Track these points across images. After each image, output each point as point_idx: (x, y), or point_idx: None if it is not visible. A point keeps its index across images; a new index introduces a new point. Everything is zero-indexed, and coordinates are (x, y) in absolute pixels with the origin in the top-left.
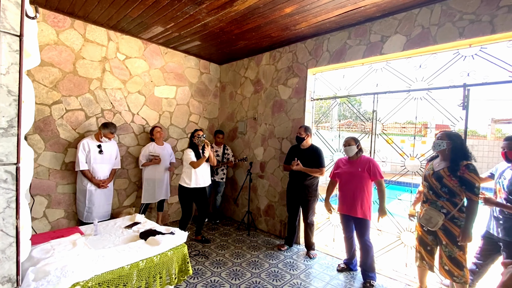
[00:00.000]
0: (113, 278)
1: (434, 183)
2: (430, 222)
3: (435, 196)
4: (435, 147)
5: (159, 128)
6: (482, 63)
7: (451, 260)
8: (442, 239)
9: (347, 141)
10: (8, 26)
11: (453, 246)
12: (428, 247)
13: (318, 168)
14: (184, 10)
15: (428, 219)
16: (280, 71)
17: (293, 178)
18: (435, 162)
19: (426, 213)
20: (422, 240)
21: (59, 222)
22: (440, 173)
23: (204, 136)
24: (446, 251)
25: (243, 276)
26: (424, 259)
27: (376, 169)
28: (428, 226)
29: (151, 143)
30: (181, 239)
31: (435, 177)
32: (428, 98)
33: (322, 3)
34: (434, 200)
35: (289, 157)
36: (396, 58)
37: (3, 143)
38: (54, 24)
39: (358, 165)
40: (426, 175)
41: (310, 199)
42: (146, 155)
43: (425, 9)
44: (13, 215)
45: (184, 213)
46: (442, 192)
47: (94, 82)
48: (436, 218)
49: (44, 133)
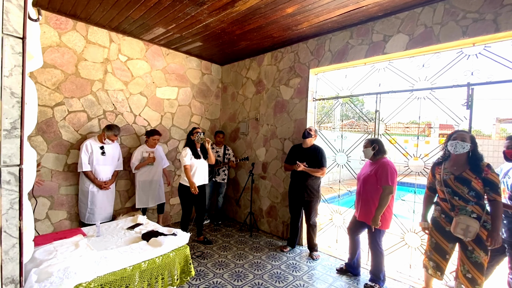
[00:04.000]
0: (115, 280)
1: (460, 188)
2: (468, 232)
3: (462, 201)
4: (457, 148)
5: (159, 136)
6: (486, 62)
7: (477, 266)
8: (467, 245)
9: (364, 143)
10: (11, 29)
11: (480, 251)
12: (447, 255)
13: (319, 168)
14: (186, 11)
15: (465, 228)
16: (282, 71)
17: (295, 178)
18: (447, 166)
19: (461, 222)
20: (439, 248)
21: (61, 224)
22: (465, 176)
23: (204, 133)
24: (473, 257)
25: (245, 278)
26: (440, 268)
27: (383, 173)
28: (468, 236)
29: (142, 145)
30: (183, 240)
31: (460, 181)
32: (431, 98)
33: (324, 3)
34: (463, 206)
35: (291, 157)
36: (398, 57)
37: (6, 145)
38: (57, 26)
39: (372, 168)
40: (446, 180)
41: (313, 200)
42: (139, 158)
43: (428, 8)
44: (16, 216)
45: (183, 212)
46: (470, 196)
47: (96, 84)
48: (474, 226)
49: (46, 134)
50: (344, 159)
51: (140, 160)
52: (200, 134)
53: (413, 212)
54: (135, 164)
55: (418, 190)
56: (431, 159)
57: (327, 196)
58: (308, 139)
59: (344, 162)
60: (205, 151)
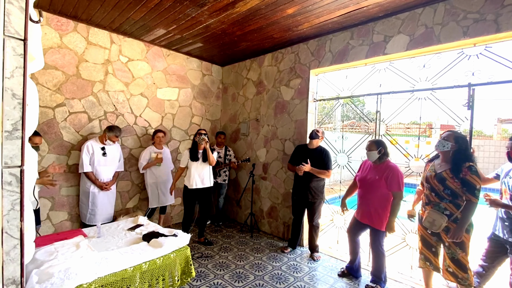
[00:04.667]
0: (116, 281)
1: (437, 185)
2: (433, 225)
3: (437, 198)
4: (438, 146)
5: (162, 133)
6: (487, 62)
7: (454, 262)
8: (445, 241)
9: (368, 145)
10: (12, 31)
11: (456, 247)
12: (432, 248)
13: (326, 170)
14: (186, 12)
15: (432, 221)
16: (283, 72)
17: (299, 180)
18: (436, 163)
19: (429, 215)
20: (426, 241)
21: (62, 225)
22: (443, 175)
23: (206, 135)
24: (449, 252)
25: (246, 279)
26: (429, 260)
27: (394, 179)
28: (432, 229)
29: (150, 146)
30: (184, 241)
31: (438, 179)
32: (432, 98)
33: (325, 4)
34: (437, 202)
35: (295, 157)
36: (399, 58)
37: (7, 146)
38: (58, 27)
39: (378, 172)
40: (427, 176)
41: (316, 202)
42: (147, 159)
43: (429, 9)
44: (18, 217)
45: (185, 213)
46: (445, 194)
47: (97, 85)
48: (439, 221)
49: (47, 135)
50: (345, 159)
51: (148, 161)
52: (202, 134)
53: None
54: (142, 164)
55: None
56: None
57: (328, 197)
58: (315, 140)
59: (345, 163)
60: (205, 154)
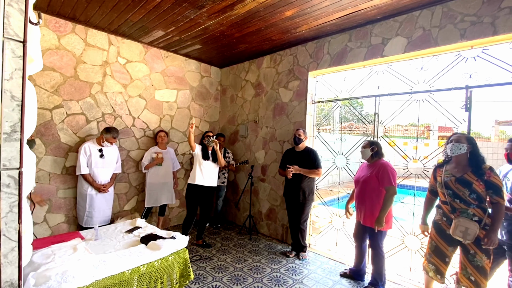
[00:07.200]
0: (113, 283)
1: (461, 190)
2: (467, 234)
3: (463, 204)
4: (454, 150)
5: (164, 133)
6: (484, 64)
7: (479, 269)
8: (469, 249)
9: (362, 144)
10: (12, 33)
11: (482, 254)
12: (447, 258)
13: (315, 168)
14: (185, 14)
15: (464, 231)
16: (281, 74)
17: (290, 181)
18: (449, 168)
19: (460, 224)
20: (439, 252)
21: (59, 227)
22: (467, 178)
23: (214, 137)
24: (475, 260)
25: (244, 281)
26: (440, 272)
27: (385, 174)
28: (467, 238)
29: (154, 147)
30: (182, 244)
31: (462, 183)
32: (430, 100)
33: (323, 6)
34: (464, 209)
35: (285, 161)
36: (397, 60)
37: (6, 148)
38: (56, 29)
39: (371, 170)
40: (447, 182)
41: (305, 203)
42: (149, 158)
43: (426, 11)
44: (16, 220)
45: (187, 213)
46: (471, 199)
47: (95, 86)
48: (473, 229)
49: (45, 137)
50: (343, 161)
51: (150, 161)
52: (210, 137)
53: (412, 215)
54: (144, 164)
55: (417, 192)
56: (430, 162)
57: (327, 199)
58: (302, 143)
59: (344, 165)
60: (215, 155)
